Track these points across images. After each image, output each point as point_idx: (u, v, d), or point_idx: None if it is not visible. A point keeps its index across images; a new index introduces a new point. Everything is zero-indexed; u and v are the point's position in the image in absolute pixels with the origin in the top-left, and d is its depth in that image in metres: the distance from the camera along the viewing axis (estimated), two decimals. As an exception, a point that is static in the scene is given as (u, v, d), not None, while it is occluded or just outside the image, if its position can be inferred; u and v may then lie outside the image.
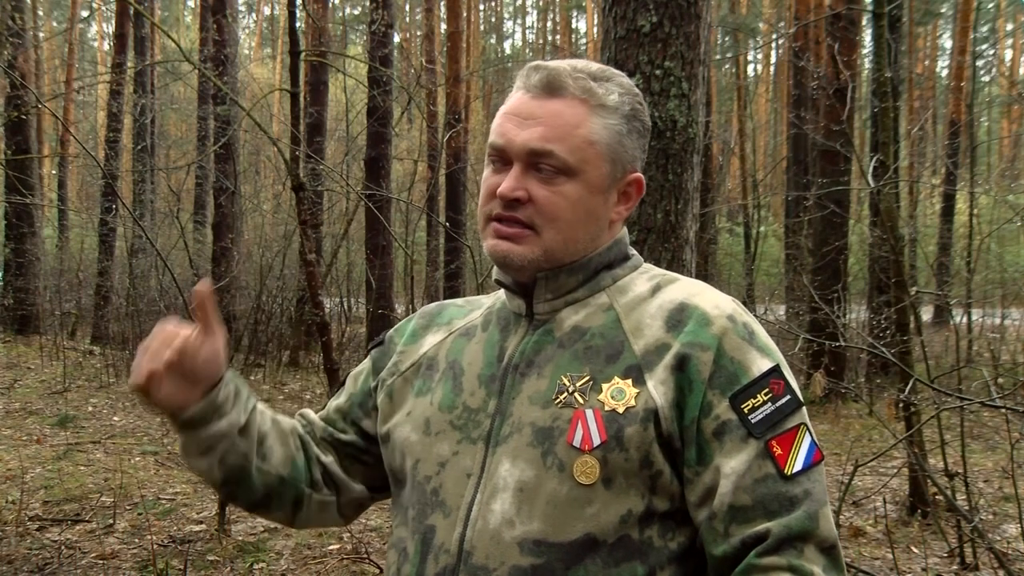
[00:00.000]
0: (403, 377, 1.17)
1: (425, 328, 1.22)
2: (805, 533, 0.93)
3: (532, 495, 0.98)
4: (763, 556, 0.93)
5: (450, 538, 1.00)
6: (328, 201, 13.66)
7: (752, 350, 1.00)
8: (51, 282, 13.61)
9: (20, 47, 11.95)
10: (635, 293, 1.08)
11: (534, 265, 1.06)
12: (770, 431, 0.97)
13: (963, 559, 4.05)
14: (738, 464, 0.95)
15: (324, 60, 12.40)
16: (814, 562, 0.93)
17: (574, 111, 1.05)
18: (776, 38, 20.93)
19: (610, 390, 0.99)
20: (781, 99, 24.71)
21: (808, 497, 0.95)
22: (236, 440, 1.11)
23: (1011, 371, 8.48)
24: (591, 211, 1.07)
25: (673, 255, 2.77)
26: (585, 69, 1.08)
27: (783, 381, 1.00)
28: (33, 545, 4.21)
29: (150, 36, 15.75)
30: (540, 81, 1.06)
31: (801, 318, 10.39)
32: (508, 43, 43.01)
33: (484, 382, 1.08)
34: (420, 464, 1.08)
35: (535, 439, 1.00)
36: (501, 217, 1.06)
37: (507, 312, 1.13)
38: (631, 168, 1.10)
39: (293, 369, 11.04)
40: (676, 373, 0.99)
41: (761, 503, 0.94)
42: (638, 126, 1.11)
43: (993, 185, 15.32)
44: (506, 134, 1.06)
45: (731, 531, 0.95)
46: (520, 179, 1.04)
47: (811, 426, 1.01)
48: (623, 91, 1.10)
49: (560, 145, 1.04)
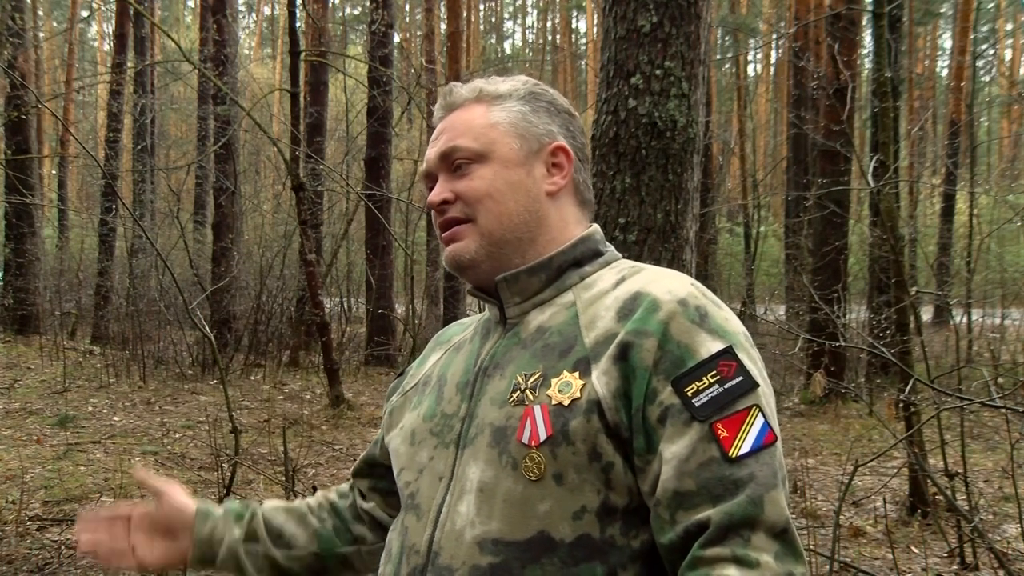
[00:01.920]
0: (404, 396, 1.23)
1: (432, 350, 1.27)
2: (749, 519, 0.89)
3: (491, 495, 0.98)
4: (707, 547, 0.89)
5: (420, 539, 1.03)
6: (328, 201, 13.67)
7: (702, 332, 0.97)
8: (51, 282, 13.61)
9: (20, 47, 11.95)
10: (598, 288, 1.08)
11: (482, 254, 1.09)
12: (716, 413, 0.93)
13: (963, 559, 4.05)
14: (680, 448, 0.92)
15: (324, 60, 12.41)
16: (763, 549, 0.88)
17: (471, 111, 1.13)
18: (776, 38, 20.93)
19: (558, 384, 0.99)
20: (781, 99, 24.71)
21: (752, 480, 0.91)
22: (248, 549, 1.23)
23: (1011, 371, 8.47)
24: (513, 184, 1.10)
25: (673, 255, 2.77)
26: (480, 80, 1.17)
27: (735, 362, 0.96)
28: (33, 545, 4.21)
29: (150, 36, 15.75)
30: (440, 105, 1.16)
31: (801, 318, 10.39)
32: (508, 43, 43.06)
33: (460, 388, 1.10)
34: (403, 472, 1.12)
35: (493, 439, 1.00)
36: (440, 223, 1.12)
37: (489, 320, 1.16)
38: (548, 140, 1.13)
39: (293, 369, 11.03)
40: (619, 362, 0.97)
41: (705, 487, 0.91)
42: (543, 104, 1.15)
43: (993, 185, 15.34)
44: (427, 157, 1.15)
45: (676, 518, 0.92)
46: (443, 185, 1.12)
47: (768, 408, 0.96)
48: (516, 82, 1.16)
49: (463, 138, 1.11)
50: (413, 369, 1.27)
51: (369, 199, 11.00)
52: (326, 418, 7.89)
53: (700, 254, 10.68)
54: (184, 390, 9.11)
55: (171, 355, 10.52)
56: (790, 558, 0.90)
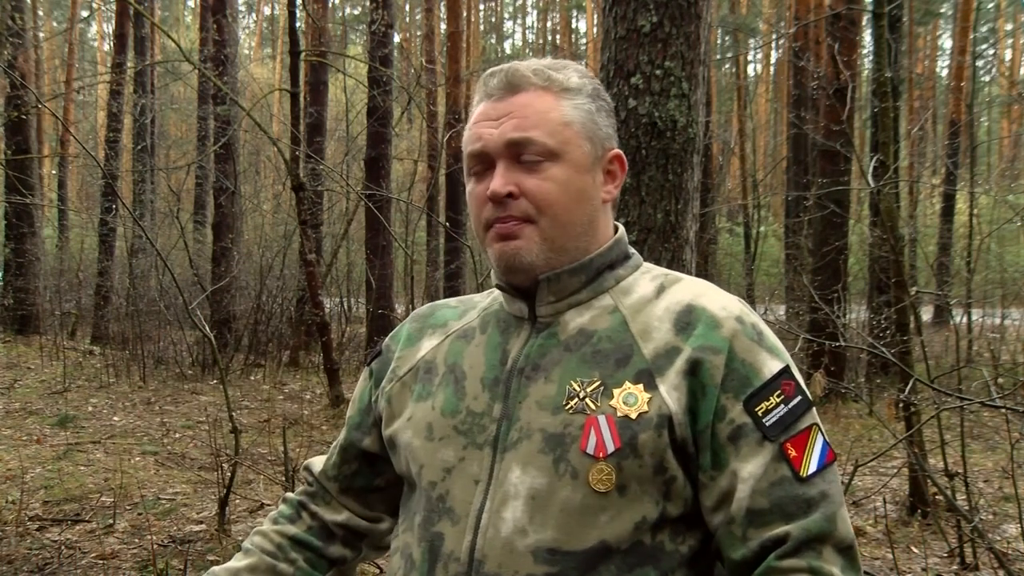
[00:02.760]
0: (401, 382, 1.16)
1: (420, 331, 1.20)
2: (823, 535, 0.93)
3: (545, 503, 0.96)
4: (783, 559, 0.93)
5: (460, 546, 0.99)
6: (328, 201, 13.67)
7: (762, 351, 1.00)
8: (51, 282, 13.61)
9: (20, 47, 11.95)
10: (639, 294, 1.07)
11: (541, 259, 1.04)
12: (784, 433, 0.96)
13: (963, 559, 4.04)
14: (754, 468, 0.95)
15: (324, 60, 12.41)
16: (832, 563, 0.93)
17: (542, 99, 1.05)
18: (776, 38, 20.93)
19: (622, 395, 0.98)
20: (781, 99, 24.70)
21: (825, 499, 0.95)
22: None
23: (1011, 371, 8.47)
24: (582, 191, 1.06)
25: (673, 255, 2.77)
26: (539, 63, 1.09)
27: (794, 382, 0.99)
28: (33, 545, 4.21)
29: (150, 36, 15.75)
30: (500, 83, 1.06)
31: (801, 318, 10.38)
32: (508, 43, 43.02)
33: (487, 386, 1.06)
34: (425, 470, 1.06)
35: (546, 445, 0.98)
36: (498, 218, 1.04)
37: (506, 315, 1.12)
38: (609, 145, 1.10)
39: (293, 369, 11.03)
40: (689, 378, 0.98)
41: (778, 506, 0.94)
42: (604, 104, 1.11)
43: (993, 185, 15.33)
44: (482, 137, 1.05)
45: (749, 535, 0.95)
46: (507, 175, 1.03)
47: (822, 425, 1.00)
48: (581, 74, 1.10)
49: (538, 131, 1.03)
50: (398, 350, 1.19)
51: (369, 199, 10.99)
52: (326, 418, 7.89)
53: (700, 254, 10.67)
54: (184, 390, 9.11)
55: (171, 355, 10.52)
56: (852, 572, 0.95)
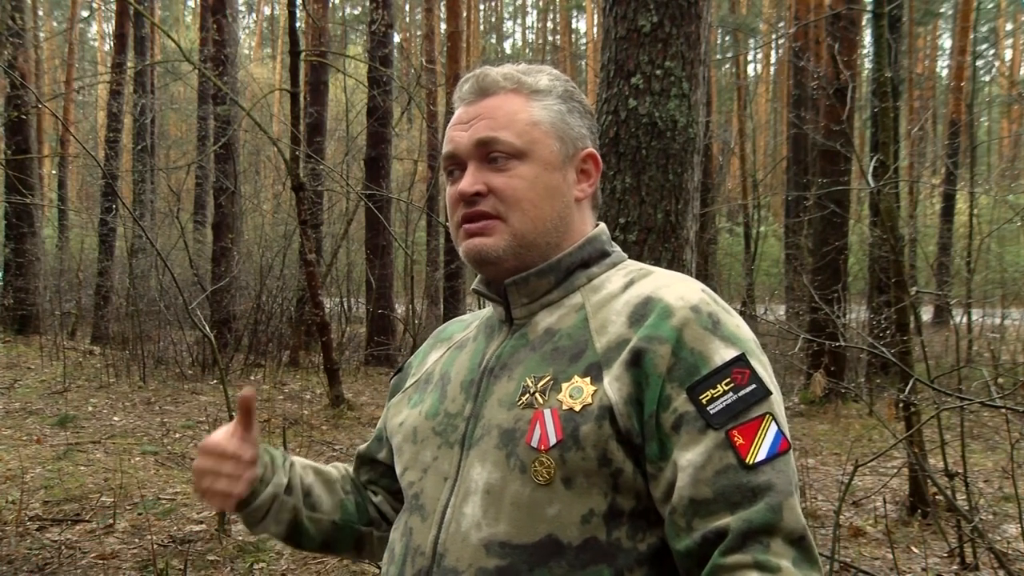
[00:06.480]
0: (404, 393, 1.23)
1: (431, 347, 1.26)
2: (768, 526, 0.90)
3: (498, 497, 0.98)
4: (727, 554, 0.89)
5: (426, 540, 1.02)
6: (328, 201, 13.67)
7: (715, 340, 0.97)
8: (51, 282, 13.62)
9: (20, 47, 11.96)
10: (607, 290, 1.07)
11: (509, 253, 1.07)
12: (731, 421, 0.93)
13: (963, 559, 4.04)
14: (695, 456, 0.93)
15: (324, 60, 12.41)
16: (782, 555, 0.89)
17: (511, 102, 1.09)
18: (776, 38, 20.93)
19: (569, 389, 0.98)
20: (781, 99, 24.71)
21: (771, 488, 0.91)
22: (284, 499, 1.19)
23: (1011, 371, 8.47)
24: (551, 188, 1.08)
25: (673, 255, 2.77)
26: (512, 67, 1.13)
27: (748, 370, 0.96)
28: (33, 545, 4.21)
29: (150, 36, 15.75)
30: (472, 88, 1.11)
31: (801, 318, 10.39)
32: (508, 43, 43.05)
33: (464, 387, 1.09)
34: (408, 471, 1.11)
35: (500, 441, 1.00)
36: (467, 216, 1.08)
37: (493, 320, 1.15)
38: (582, 145, 1.12)
39: (293, 369, 11.04)
40: (632, 368, 0.97)
41: (722, 495, 0.91)
42: (577, 106, 1.13)
43: (993, 185, 15.31)
44: (454, 139, 1.10)
45: (693, 525, 0.92)
46: (476, 175, 1.07)
47: (780, 415, 0.97)
48: (552, 77, 1.13)
49: (506, 132, 1.07)
50: (414, 367, 1.26)
51: (369, 199, 11.00)
52: (326, 418, 7.89)
53: (700, 254, 10.68)
54: (184, 390, 9.11)
55: (171, 355, 10.52)
56: (807, 564, 0.90)
